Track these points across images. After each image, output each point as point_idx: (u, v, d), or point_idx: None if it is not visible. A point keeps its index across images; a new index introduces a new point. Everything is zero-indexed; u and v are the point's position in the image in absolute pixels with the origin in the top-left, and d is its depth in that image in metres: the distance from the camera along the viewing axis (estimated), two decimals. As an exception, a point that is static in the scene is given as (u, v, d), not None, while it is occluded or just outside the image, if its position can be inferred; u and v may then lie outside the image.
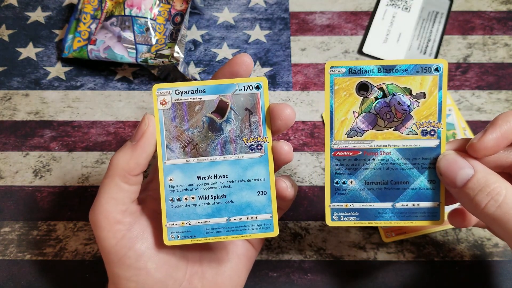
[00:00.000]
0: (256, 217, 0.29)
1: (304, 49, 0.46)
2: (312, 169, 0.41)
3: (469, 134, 0.42)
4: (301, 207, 0.40)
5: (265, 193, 0.29)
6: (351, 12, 0.47)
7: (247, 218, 0.29)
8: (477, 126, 0.42)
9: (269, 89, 0.43)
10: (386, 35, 0.46)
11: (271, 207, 0.29)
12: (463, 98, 0.43)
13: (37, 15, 0.48)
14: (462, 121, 0.42)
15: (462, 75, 0.44)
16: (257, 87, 0.28)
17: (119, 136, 0.42)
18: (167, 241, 0.28)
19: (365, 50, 0.45)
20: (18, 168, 0.41)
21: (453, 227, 0.39)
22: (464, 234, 0.39)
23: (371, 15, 0.47)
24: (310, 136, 0.42)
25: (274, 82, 0.44)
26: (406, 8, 0.47)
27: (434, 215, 0.29)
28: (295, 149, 0.42)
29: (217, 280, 0.31)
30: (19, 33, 0.47)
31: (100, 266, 0.38)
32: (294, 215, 0.39)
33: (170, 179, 0.28)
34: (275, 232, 0.29)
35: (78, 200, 0.40)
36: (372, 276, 0.37)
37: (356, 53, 0.45)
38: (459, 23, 0.47)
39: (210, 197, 0.29)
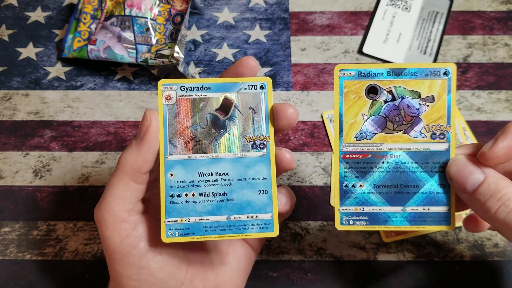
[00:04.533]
0: (256, 216, 0.28)
1: (304, 49, 0.46)
2: (312, 169, 0.41)
3: (469, 134, 0.42)
4: (301, 207, 0.40)
5: (266, 192, 0.28)
6: (351, 12, 0.47)
7: (247, 217, 0.28)
8: (477, 126, 0.42)
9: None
10: (386, 35, 0.46)
11: (271, 207, 0.28)
12: (463, 98, 0.43)
13: (37, 15, 0.48)
14: (462, 121, 0.42)
15: (462, 75, 0.44)
16: (262, 87, 0.29)
17: (119, 136, 0.42)
18: (164, 238, 0.28)
19: (365, 50, 0.45)
20: (18, 168, 0.41)
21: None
22: (464, 234, 0.39)
23: (371, 15, 0.47)
24: (310, 136, 0.42)
25: (274, 82, 0.44)
26: (406, 8, 0.47)
27: (445, 220, 0.29)
28: (295, 149, 0.42)
29: (218, 281, 0.31)
30: (19, 33, 0.47)
31: (100, 266, 0.38)
32: (294, 215, 0.39)
33: (171, 175, 0.28)
34: (275, 232, 0.28)
35: (78, 200, 0.40)
36: (372, 276, 0.37)
37: (356, 53, 0.45)
38: (459, 23, 0.47)
39: (210, 194, 0.28)
